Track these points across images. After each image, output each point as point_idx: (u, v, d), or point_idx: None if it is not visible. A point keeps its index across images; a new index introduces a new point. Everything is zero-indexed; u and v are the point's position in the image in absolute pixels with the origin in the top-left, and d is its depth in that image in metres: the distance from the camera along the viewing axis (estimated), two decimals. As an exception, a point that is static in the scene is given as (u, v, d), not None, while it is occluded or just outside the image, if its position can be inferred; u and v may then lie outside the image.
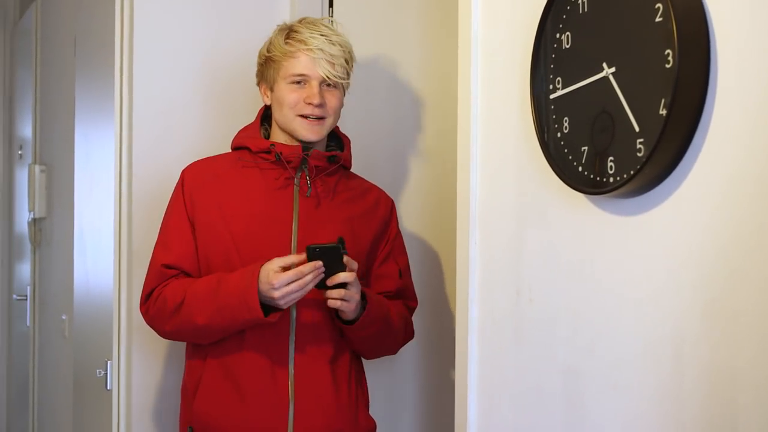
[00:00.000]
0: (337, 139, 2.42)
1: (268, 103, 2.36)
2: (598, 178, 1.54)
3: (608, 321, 1.55)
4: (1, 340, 5.29)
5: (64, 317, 3.62)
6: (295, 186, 2.28)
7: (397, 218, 2.46)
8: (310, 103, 2.25)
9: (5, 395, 5.24)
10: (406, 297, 2.44)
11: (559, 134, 1.64)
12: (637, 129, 1.45)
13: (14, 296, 4.81)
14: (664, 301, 1.44)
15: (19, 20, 5.02)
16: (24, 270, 4.61)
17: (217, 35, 2.79)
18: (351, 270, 2.14)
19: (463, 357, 1.95)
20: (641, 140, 1.44)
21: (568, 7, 1.63)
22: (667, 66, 1.39)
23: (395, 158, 2.95)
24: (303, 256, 2.10)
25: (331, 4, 2.89)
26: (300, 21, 2.33)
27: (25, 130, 4.64)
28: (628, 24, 1.49)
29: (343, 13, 2.89)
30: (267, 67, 2.32)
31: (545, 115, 1.68)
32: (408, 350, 2.76)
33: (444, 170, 2.75)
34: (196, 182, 2.31)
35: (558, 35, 1.65)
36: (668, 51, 1.39)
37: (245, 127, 2.40)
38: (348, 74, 2.33)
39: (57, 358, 3.82)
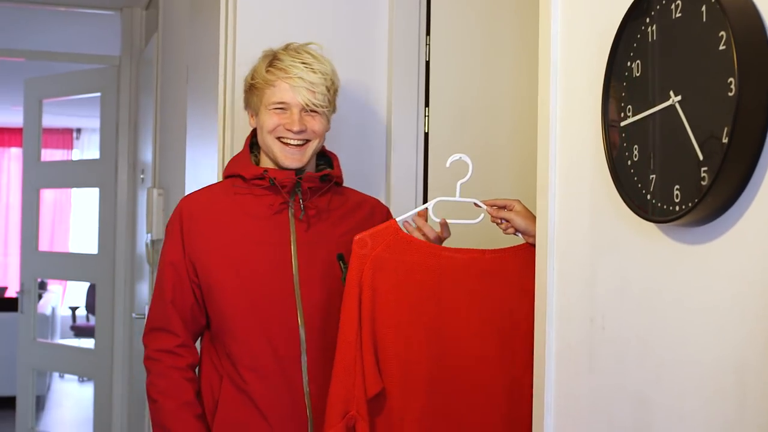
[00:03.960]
0: (325, 157, 2.46)
1: (254, 126, 2.40)
2: (665, 207, 1.54)
3: (674, 350, 1.54)
4: (122, 358, 5.50)
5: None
6: (290, 210, 2.32)
7: None
8: (290, 130, 2.28)
9: (127, 409, 5.43)
10: None
11: (629, 162, 1.64)
12: (701, 157, 1.45)
13: (133, 315, 4.99)
14: (728, 330, 1.42)
15: (144, 49, 5.24)
16: (143, 290, 4.79)
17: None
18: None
19: (540, 383, 1.96)
20: (705, 169, 1.43)
21: (638, 36, 1.63)
22: (730, 94, 1.38)
23: (492, 184, 2.96)
24: None
25: (428, 33, 2.94)
26: (285, 48, 2.35)
27: (147, 154, 4.83)
28: (694, 52, 1.48)
29: (441, 35, 2.94)
30: (251, 94, 2.37)
31: (616, 142, 1.68)
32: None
33: (534, 194, 2.76)
34: (193, 215, 2.34)
35: (629, 63, 1.66)
36: (731, 79, 1.38)
37: (235, 156, 2.44)
38: (330, 101, 2.35)
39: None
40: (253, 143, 2.44)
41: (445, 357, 2.17)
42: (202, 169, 3.25)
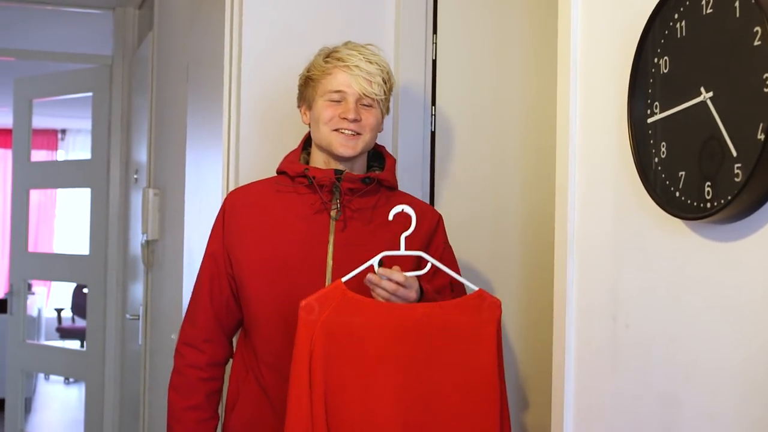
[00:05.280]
0: (380, 159, 2.43)
1: (307, 122, 2.37)
2: (695, 204, 1.53)
3: (704, 348, 1.53)
4: (115, 359, 5.46)
5: (173, 336, 3.71)
6: (332, 210, 2.29)
7: (444, 232, 2.43)
8: (345, 118, 2.26)
9: (119, 411, 5.39)
10: None
11: (656, 159, 1.63)
12: (734, 154, 1.44)
13: (128, 316, 4.95)
14: (760, 328, 1.41)
15: (138, 48, 5.20)
16: (137, 291, 4.75)
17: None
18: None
19: (559, 382, 1.94)
20: (739, 165, 1.42)
21: (666, 32, 1.62)
22: (766, 90, 1.37)
23: (499, 183, 2.95)
24: None
25: (435, 31, 2.92)
26: (344, 44, 2.35)
27: (141, 154, 4.79)
28: (726, 48, 1.47)
29: (447, 34, 2.93)
30: (306, 87, 2.35)
31: (642, 139, 1.67)
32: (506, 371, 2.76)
33: (547, 194, 2.75)
34: (235, 209, 2.35)
35: (656, 59, 1.64)
36: (766, 75, 1.37)
37: (289, 153, 2.42)
38: (385, 94, 2.33)
39: (167, 376, 3.91)
40: (309, 141, 2.42)
41: (408, 416, 2.06)
42: (204, 169, 3.22)
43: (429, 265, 2.12)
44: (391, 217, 2.14)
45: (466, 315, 2.08)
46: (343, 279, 2.04)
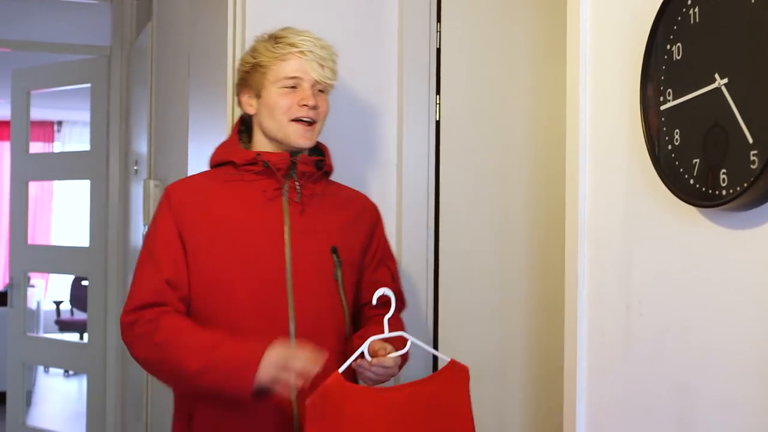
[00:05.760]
0: (316, 149, 2.35)
1: (253, 112, 2.28)
2: (710, 191, 1.52)
3: (720, 336, 1.52)
4: (116, 354, 5.45)
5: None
6: (284, 195, 2.23)
7: (382, 223, 2.42)
8: (305, 105, 2.20)
9: (121, 403, 5.39)
10: (397, 300, 2.36)
11: (669, 146, 1.62)
12: (750, 141, 1.43)
13: (129, 308, 4.93)
14: (779, 316, 1.40)
15: (136, 39, 5.18)
16: (139, 282, 4.72)
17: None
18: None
19: (571, 371, 1.94)
20: (755, 152, 1.42)
21: (679, 18, 1.61)
22: (782, 76, 1.36)
23: (504, 173, 2.95)
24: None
25: (438, 20, 2.91)
26: (283, 29, 2.27)
27: (141, 146, 4.76)
28: (741, 34, 1.46)
29: (451, 22, 2.91)
30: (253, 74, 2.25)
31: (655, 127, 1.66)
32: (515, 362, 2.75)
33: (553, 183, 2.74)
34: (183, 200, 2.23)
35: (668, 46, 1.64)
36: (783, 61, 1.37)
37: (223, 143, 2.35)
38: (335, 79, 2.28)
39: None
40: (240, 130, 2.35)
41: None
42: (207, 161, 3.20)
43: (409, 344, 2.18)
44: (374, 302, 2.17)
45: (442, 388, 2.20)
46: (340, 370, 2.09)
